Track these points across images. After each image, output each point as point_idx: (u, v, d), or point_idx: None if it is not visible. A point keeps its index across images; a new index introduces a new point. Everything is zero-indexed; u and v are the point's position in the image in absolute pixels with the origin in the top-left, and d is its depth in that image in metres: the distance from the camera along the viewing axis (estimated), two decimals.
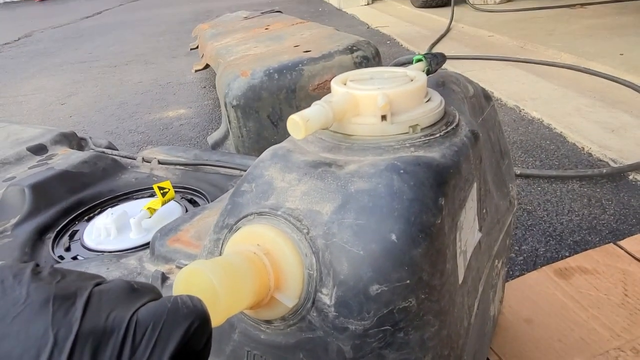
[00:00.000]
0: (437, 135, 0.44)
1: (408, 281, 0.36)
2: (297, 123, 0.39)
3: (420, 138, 0.43)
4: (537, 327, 0.82)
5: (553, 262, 0.96)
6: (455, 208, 0.42)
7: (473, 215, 0.49)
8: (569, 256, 0.98)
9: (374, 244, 0.36)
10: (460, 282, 0.45)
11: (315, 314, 0.37)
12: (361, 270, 0.36)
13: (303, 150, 0.44)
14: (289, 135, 0.42)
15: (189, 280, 0.32)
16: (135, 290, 0.26)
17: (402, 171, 0.38)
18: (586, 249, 0.99)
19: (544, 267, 0.94)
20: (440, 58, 0.58)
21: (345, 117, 0.44)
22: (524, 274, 0.93)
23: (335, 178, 0.39)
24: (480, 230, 0.52)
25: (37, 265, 0.25)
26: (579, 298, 0.86)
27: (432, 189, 0.38)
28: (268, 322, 0.39)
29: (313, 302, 0.37)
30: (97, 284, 0.26)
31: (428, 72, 0.59)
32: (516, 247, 1.06)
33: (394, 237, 0.36)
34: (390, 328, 0.37)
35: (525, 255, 1.03)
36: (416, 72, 0.48)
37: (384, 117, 0.43)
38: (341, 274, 0.36)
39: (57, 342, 0.21)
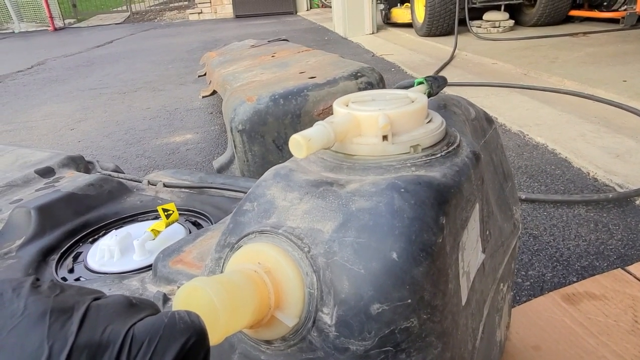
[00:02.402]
0: (438, 155, 0.44)
1: (409, 300, 0.36)
2: (299, 142, 0.40)
3: (421, 158, 0.43)
4: (546, 354, 0.80)
5: (560, 287, 0.95)
6: (457, 228, 0.42)
7: (476, 236, 0.48)
8: (576, 281, 0.97)
9: (374, 262, 0.35)
10: (463, 303, 0.44)
11: (315, 334, 0.37)
12: (362, 289, 0.35)
13: (305, 170, 0.45)
14: None
15: (189, 298, 0.32)
16: (133, 305, 0.26)
17: (402, 190, 0.38)
18: (594, 275, 0.98)
19: (551, 293, 0.92)
20: (441, 81, 0.59)
21: (346, 137, 0.44)
22: (530, 300, 0.91)
23: (337, 197, 0.39)
24: (483, 251, 0.51)
25: (37, 279, 0.26)
26: (588, 324, 0.84)
27: (432, 208, 0.38)
28: (268, 342, 0.39)
29: (314, 322, 0.37)
30: (96, 299, 0.26)
31: (429, 95, 0.59)
32: (523, 272, 1.04)
33: (394, 255, 0.35)
34: (392, 349, 0.36)
35: (532, 280, 1.01)
36: (417, 94, 0.49)
37: (385, 138, 0.43)
38: (342, 292, 0.36)
39: (52, 354, 0.21)
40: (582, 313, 0.87)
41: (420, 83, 0.57)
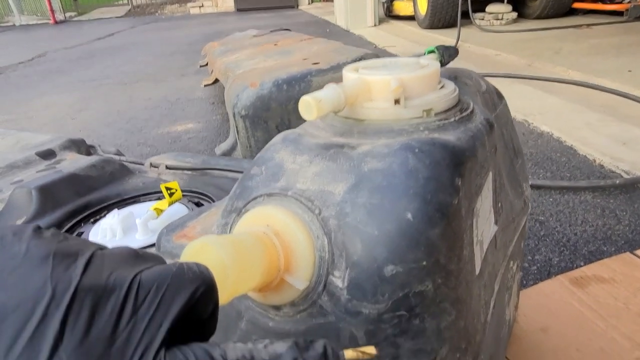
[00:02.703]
0: (452, 119, 0.42)
1: (424, 262, 0.34)
2: (310, 103, 0.39)
3: (434, 122, 0.42)
4: (554, 336, 0.79)
5: (567, 271, 0.93)
6: (472, 193, 0.40)
7: (489, 206, 0.47)
8: (584, 266, 0.95)
9: (388, 223, 0.34)
10: (477, 273, 0.43)
11: (326, 298, 0.35)
12: (375, 251, 0.34)
13: (314, 135, 0.43)
14: None
15: (197, 255, 0.31)
16: (139, 256, 0.25)
17: (417, 150, 0.37)
18: (601, 259, 0.97)
19: (559, 276, 0.91)
20: (453, 51, 0.57)
21: (357, 101, 0.43)
22: (538, 283, 0.90)
23: (348, 158, 0.38)
24: (496, 223, 0.50)
25: (40, 227, 0.25)
26: (597, 307, 0.83)
27: (448, 169, 0.36)
28: (277, 308, 0.37)
29: (324, 286, 0.35)
30: (101, 249, 0.25)
31: (440, 64, 0.58)
32: (529, 257, 1.03)
33: (409, 215, 0.34)
34: (406, 313, 0.35)
35: (539, 265, 1.00)
36: (429, 60, 0.47)
37: (397, 102, 0.42)
38: (354, 255, 0.34)
39: (55, 295, 0.20)
40: (591, 296, 0.86)
41: (431, 52, 0.55)
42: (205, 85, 2.14)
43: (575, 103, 2.04)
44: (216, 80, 2.09)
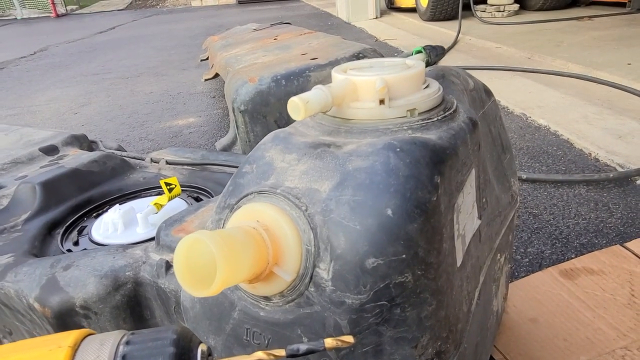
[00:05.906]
0: (435, 119, 0.44)
1: (404, 255, 0.36)
2: (297, 104, 0.41)
3: (417, 122, 0.44)
4: (543, 326, 0.81)
5: (558, 264, 0.95)
6: (452, 189, 0.42)
7: (472, 201, 0.49)
8: (575, 258, 0.97)
9: (370, 219, 0.36)
10: (458, 265, 0.45)
11: (312, 289, 0.38)
12: (358, 245, 0.36)
13: (303, 134, 0.45)
14: None
15: (190, 249, 0.33)
16: None
17: (398, 149, 0.39)
18: (592, 252, 0.99)
19: (549, 268, 0.93)
20: (440, 50, 0.59)
21: (344, 101, 0.45)
22: (528, 276, 0.92)
23: (334, 157, 0.40)
24: (479, 218, 0.52)
25: None
26: (585, 298, 0.85)
27: (427, 167, 0.38)
28: (267, 298, 0.40)
29: (311, 277, 0.38)
30: None
31: (428, 64, 0.60)
32: (522, 250, 1.05)
33: (389, 212, 0.36)
34: (387, 303, 0.37)
35: (530, 257, 1.02)
36: (415, 61, 0.49)
37: (382, 102, 0.44)
38: (338, 248, 0.37)
39: None
40: (580, 287, 0.88)
41: (418, 52, 0.57)
42: (205, 80, 2.16)
43: (573, 96, 2.04)
44: (217, 75, 2.11)
